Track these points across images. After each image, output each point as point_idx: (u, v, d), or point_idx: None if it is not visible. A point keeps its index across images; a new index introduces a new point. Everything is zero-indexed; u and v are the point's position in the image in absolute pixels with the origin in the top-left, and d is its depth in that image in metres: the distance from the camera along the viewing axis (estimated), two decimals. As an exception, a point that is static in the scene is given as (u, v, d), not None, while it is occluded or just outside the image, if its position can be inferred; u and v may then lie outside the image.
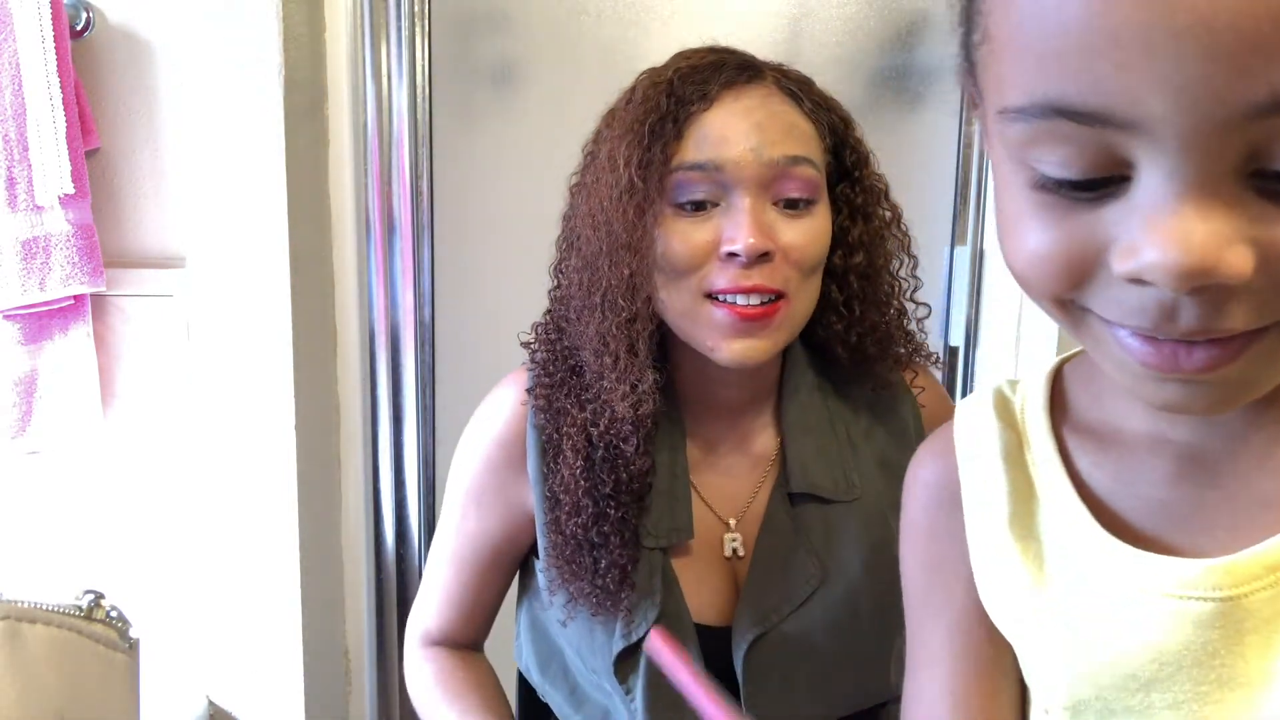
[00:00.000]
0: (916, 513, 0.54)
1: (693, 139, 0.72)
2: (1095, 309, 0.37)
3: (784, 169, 0.72)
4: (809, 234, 0.73)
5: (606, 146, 0.75)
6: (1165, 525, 0.44)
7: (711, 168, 0.71)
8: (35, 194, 1.27)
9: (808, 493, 0.80)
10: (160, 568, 1.43)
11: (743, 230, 0.70)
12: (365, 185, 1.42)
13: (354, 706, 1.56)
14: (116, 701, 0.65)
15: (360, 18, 1.38)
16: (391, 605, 1.52)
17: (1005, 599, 0.48)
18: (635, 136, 0.72)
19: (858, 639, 0.79)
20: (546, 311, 0.85)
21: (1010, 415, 0.50)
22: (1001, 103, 0.36)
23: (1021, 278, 0.39)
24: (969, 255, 1.44)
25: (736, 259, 0.70)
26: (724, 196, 0.72)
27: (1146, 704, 0.43)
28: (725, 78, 0.74)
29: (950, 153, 1.43)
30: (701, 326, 0.73)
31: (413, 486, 1.48)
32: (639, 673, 0.77)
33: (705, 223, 0.72)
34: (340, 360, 1.47)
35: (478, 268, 1.47)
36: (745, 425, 0.83)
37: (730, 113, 0.72)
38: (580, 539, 0.76)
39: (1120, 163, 0.34)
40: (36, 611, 0.61)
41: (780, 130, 0.73)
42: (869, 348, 0.82)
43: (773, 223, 0.72)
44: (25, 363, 1.34)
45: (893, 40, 1.42)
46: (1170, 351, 0.35)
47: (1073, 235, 0.36)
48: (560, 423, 0.78)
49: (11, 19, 1.24)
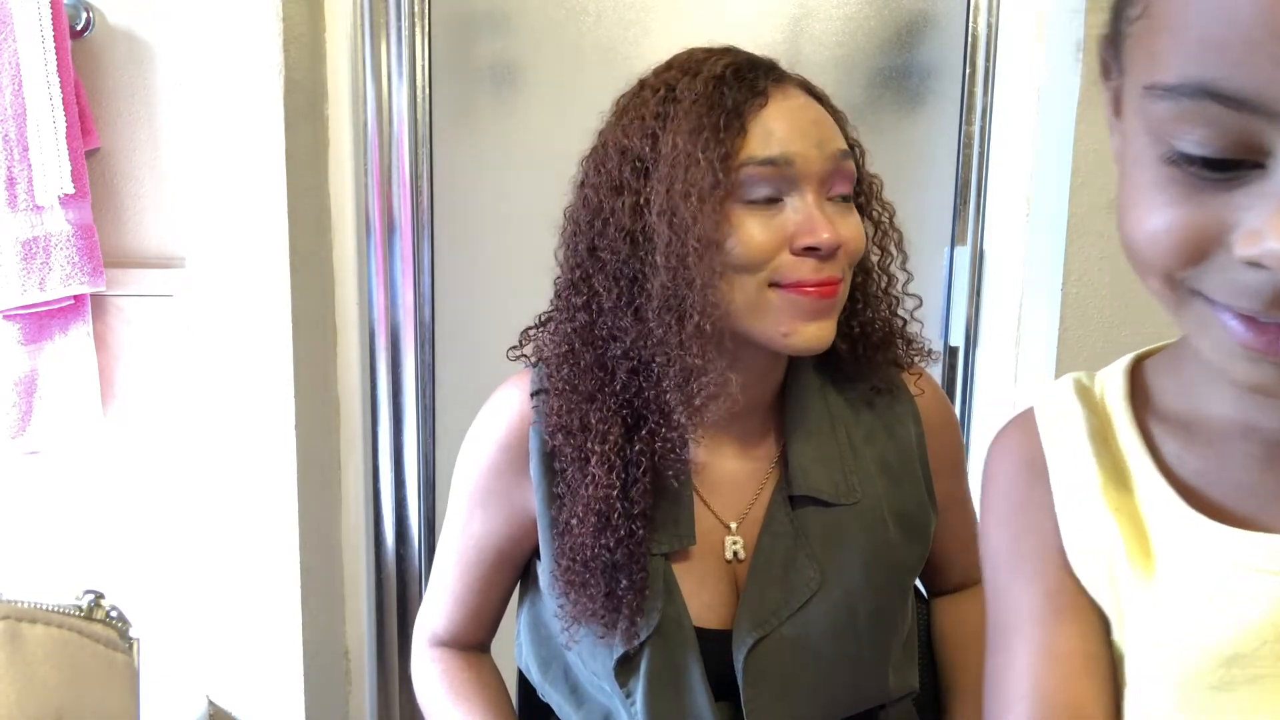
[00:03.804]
0: (1003, 485, 0.55)
1: (757, 135, 0.72)
2: (1205, 289, 0.39)
3: (839, 164, 0.75)
4: (858, 228, 0.77)
5: (669, 140, 0.73)
6: (1256, 506, 0.45)
7: (783, 162, 0.72)
8: (35, 194, 1.27)
9: (808, 496, 0.80)
10: (160, 568, 1.43)
11: (820, 226, 0.72)
12: (365, 185, 1.43)
13: (354, 706, 1.56)
14: (116, 701, 0.65)
15: (360, 18, 1.38)
16: (391, 605, 1.52)
17: (1097, 571, 0.49)
18: (710, 132, 0.72)
19: (856, 642, 0.79)
20: (562, 322, 0.80)
21: (1092, 401, 0.52)
22: (1151, 78, 0.38)
23: (1137, 252, 0.41)
24: (969, 255, 1.44)
25: (815, 253, 0.73)
26: (790, 191, 0.73)
27: (1229, 679, 0.44)
28: (773, 74, 0.76)
29: (950, 153, 1.44)
30: (771, 314, 0.74)
31: (413, 486, 1.48)
32: (639, 676, 0.77)
33: (775, 217, 0.73)
34: (340, 360, 1.47)
35: (478, 268, 1.47)
36: (748, 428, 0.83)
37: (787, 109, 0.74)
38: (589, 550, 0.76)
39: (1259, 150, 0.35)
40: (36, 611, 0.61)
41: (831, 126, 0.76)
42: (872, 339, 0.83)
43: (831, 217, 0.74)
44: (25, 363, 1.34)
45: (893, 40, 1.42)
46: (1274, 335, 0.37)
47: (1196, 213, 0.37)
48: (581, 438, 0.77)
49: (11, 19, 1.24)
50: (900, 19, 1.41)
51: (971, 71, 1.41)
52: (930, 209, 1.44)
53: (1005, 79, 1.40)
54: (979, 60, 1.41)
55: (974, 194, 1.43)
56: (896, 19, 1.41)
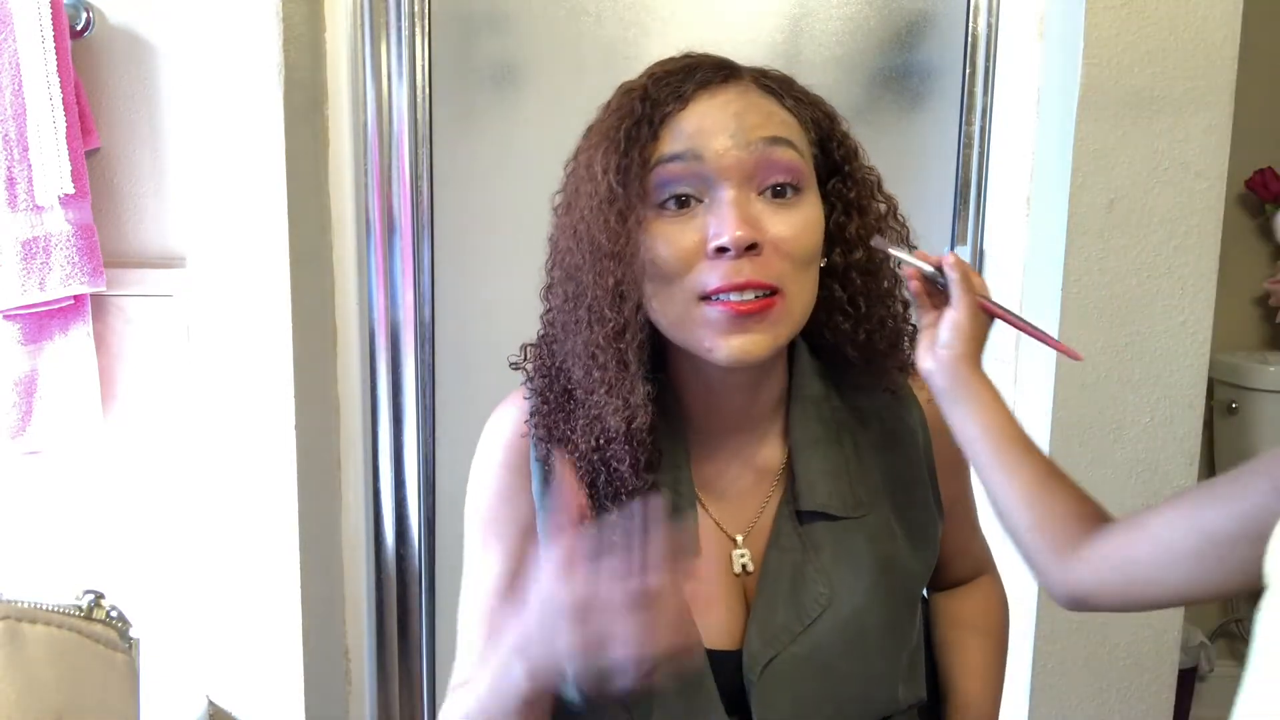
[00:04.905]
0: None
1: (669, 137, 0.70)
2: None
3: (765, 153, 0.69)
4: (799, 223, 0.70)
5: (584, 157, 0.74)
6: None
7: (690, 156, 0.69)
8: (35, 194, 1.27)
9: (816, 511, 0.78)
10: (160, 568, 1.43)
11: (728, 223, 0.67)
12: (365, 185, 1.43)
13: (354, 706, 1.56)
14: (116, 701, 0.65)
15: (360, 18, 1.39)
16: (391, 605, 1.52)
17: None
18: (611, 143, 0.70)
19: (867, 656, 0.78)
20: (540, 334, 0.81)
21: None
22: None
23: None
24: (969, 255, 1.44)
25: (726, 254, 0.68)
26: (707, 191, 0.70)
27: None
28: (700, 78, 0.72)
29: (950, 153, 1.43)
30: (697, 328, 0.71)
31: (413, 486, 1.48)
32: (650, 696, 0.75)
33: (690, 221, 0.70)
34: (340, 360, 1.47)
35: (478, 268, 1.47)
36: (751, 438, 0.81)
37: (707, 108, 0.70)
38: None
39: None
40: (36, 611, 0.61)
41: (759, 116, 0.71)
42: (879, 344, 0.80)
43: (760, 214, 0.69)
44: (25, 363, 1.34)
45: (893, 40, 1.42)
46: None
47: None
48: (561, 450, 0.76)
49: (11, 19, 1.24)
50: (900, 19, 1.41)
51: (971, 71, 1.41)
52: (930, 209, 1.44)
53: (1005, 79, 1.40)
54: (979, 60, 1.41)
55: (974, 194, 1.43)
56: (896, 19, 1.41)
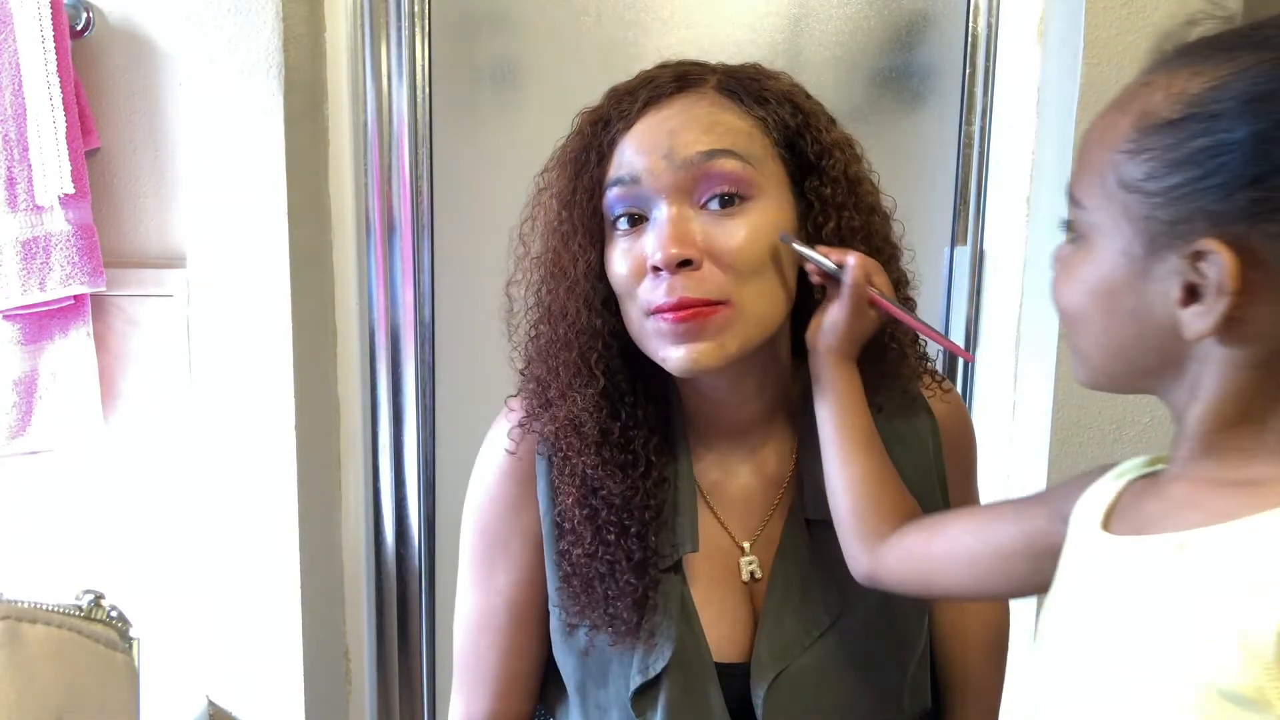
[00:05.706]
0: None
1: (613, 161, 0.73)
2: None
3: (701, 167, 0.69)
4: (742, 233, 0.69)
5: (543, 179, 0.79)
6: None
7: (629, 180, 0.71)
8: (35, 194, 1.27)
9: (825, 520, 0.77)
10: (160, 568, 1.43)
11: (659, 241, 0.68)
12: (365, 185, 1.42)
13: (354, 706, 1.56)
14: (116, 701, 0.65)
15: (360, 18, 1.38)
16: (391, 605, 1.52)
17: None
18: (562, 170, 0.75)
19: (875, 666, 0.78)
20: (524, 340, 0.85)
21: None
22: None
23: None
24: (969, 255, 1.44)
25: (661, 272, 0.69)
26: (649, 210, 0.71)
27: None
28: (649, 94, 0.73)
29: (950, 153, 1.43)
30: (649, 340, 0.72)
31: (413, 486, 1.48)
32: (657, 708, 0.75)
33: (638, 240, 0.71)
34: (340, 360, 1.47)
35: (478, 267, 1.47)
36: (758, 445, 0.81)
37: (647, 127, 0.72)
38: (587, 568, 0.76)
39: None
40: (36, 611, 0.61)
41: (697, 130, 0.70)
42: (889, 355, 0.79)
43: (702, 228, 0.69)
44: (25, 363, 1.34)
45: (893, 40, 1.42)
46: None
47: None
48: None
49: (11, 19, 1.24)
50: (900, 19, 1.41)
51: (971, 71, 1.41)
52: (930, 209, 1.44)
53: (1005, 79, 1.40)
54: (979, 60, 1.41)
55: (974, 194, 1.43)
56: (896, 19, 1.41)
